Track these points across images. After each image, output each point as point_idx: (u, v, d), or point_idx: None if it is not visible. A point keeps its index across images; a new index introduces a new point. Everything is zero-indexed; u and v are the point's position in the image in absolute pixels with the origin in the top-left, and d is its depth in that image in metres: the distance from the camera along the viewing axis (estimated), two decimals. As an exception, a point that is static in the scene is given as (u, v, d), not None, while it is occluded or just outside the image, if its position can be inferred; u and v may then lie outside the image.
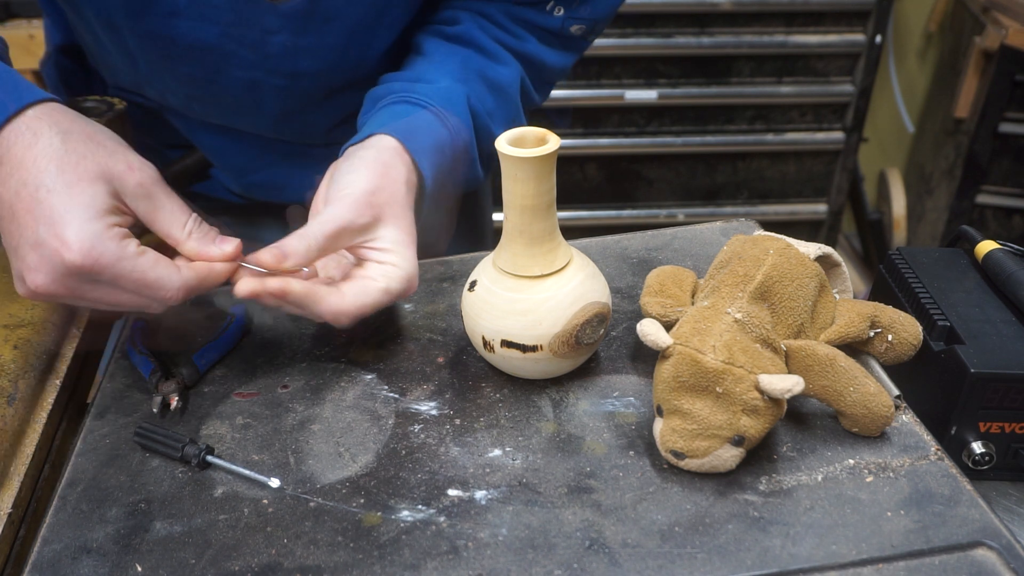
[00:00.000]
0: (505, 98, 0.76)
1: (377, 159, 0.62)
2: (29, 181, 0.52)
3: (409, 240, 0.61)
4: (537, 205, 0.54)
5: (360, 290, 0.58)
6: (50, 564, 0.50)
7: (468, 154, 0.72)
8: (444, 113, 0.69)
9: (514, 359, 0.58)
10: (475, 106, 0.73)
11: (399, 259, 0.60)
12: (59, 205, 0.51)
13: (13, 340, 0.62)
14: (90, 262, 0.51)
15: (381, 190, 0.60)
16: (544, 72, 0.81)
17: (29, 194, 0.52)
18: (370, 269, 0.60)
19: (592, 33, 0.81)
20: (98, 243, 0.52)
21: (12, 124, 0.52)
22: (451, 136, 0.69)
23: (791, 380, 0.49)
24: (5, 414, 0.57)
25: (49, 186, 0.52)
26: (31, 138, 0.52)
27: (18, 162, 0.52)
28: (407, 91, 0.70)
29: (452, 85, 0.72)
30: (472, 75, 0.74)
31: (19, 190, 0.52)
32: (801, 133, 2.05)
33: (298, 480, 0.55)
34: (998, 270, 0.66)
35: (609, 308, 0.59)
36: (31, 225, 0.51)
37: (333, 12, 0.70)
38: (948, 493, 0.51)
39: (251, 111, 0.78)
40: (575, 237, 0.73)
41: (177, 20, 0.69)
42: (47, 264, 0.52)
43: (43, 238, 0.51)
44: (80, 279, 0.53)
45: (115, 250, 0.52)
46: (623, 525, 0.50)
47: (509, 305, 0.57)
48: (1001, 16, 1.86)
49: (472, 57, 0.75)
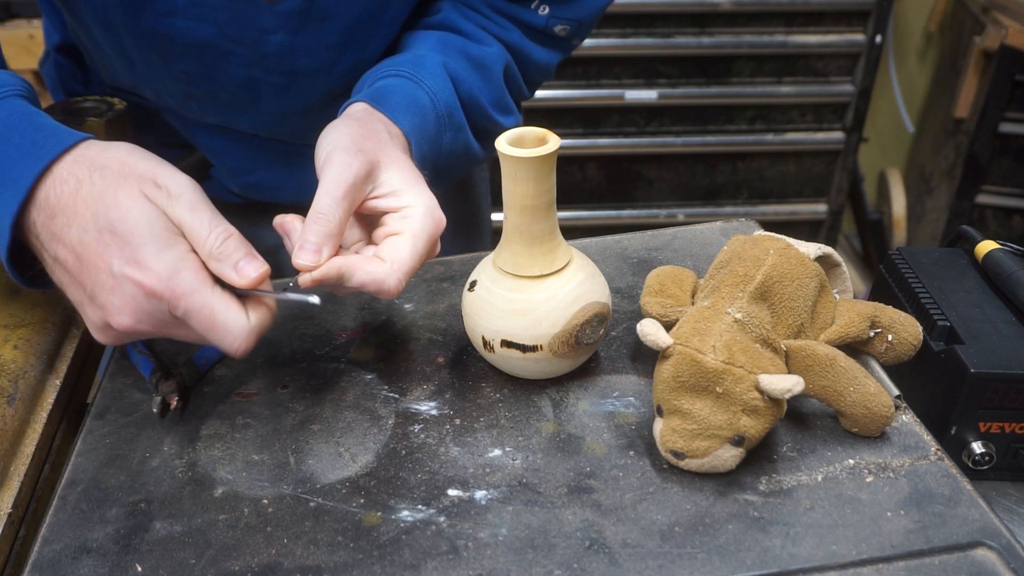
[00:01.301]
0: (489, 76, 0.74)
1: (349, 118, 0.60)
2: (89, 227, 0.51)
3: (414, 177, 0.57)
4: (537, 205, 0.54)
5: (391, 249, 0.55)
6: (50, 564, 0.50)
7: (453, 119, 0.70)
8: (418, 76, 0.67)
9: (514, 359, 0.58)
10: (457, 75, 0.71)
11: (413, 198, 0.56)
12: (127, 239, 0.50)
13: (13, 340, 0.62)
14: (168, 291, 0.49)
15: (364, 138, 0.57)
16: (529, 66, 0.79)
17: (93, 239, 0.50)
18: (389, 223, 0.56)
19: (576, 36, 0.80)
20: (175, 272, 0.50)
21: (53, 174, 0.52)
22: (430, 97, 0.67)
23: (791, 380, 0.49)
24: (5, 414, 0.57)
25: (109, 227, 0.50)
26: (75, 184, 0.51)
27: (72, 212, 0.51)
28: (380, 69, 0.69)
29: (426, 54, 0.71)
30: (452, 51, 0.72)
31: (82, 237, 0.51)
32: (801, 133, 2.05)
33: (298, 480, 0.55)
34: (998, 270, 0.66)
35: (609, 308, 0.59)
36: (104, 267, 0.50)
37: (330, 11, 0.70)
38: (948, 493, 0.51)
39: (249, 110, 0.78)
40: (575, 237, 0.73)
41: (174, 19, 0.69)
42: (130, 300, 0.50)
43: (120, 273, 0.50)
44: (163, 309, 0.50)
45: (192, 281, 0.50)
46: (623, 525, 0.50)
47: (509, 305, 0.57)
48: (1001, 16, 1.86)
49: (452, 38, 0.74)
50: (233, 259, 0.51)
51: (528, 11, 0.76)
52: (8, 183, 0.51)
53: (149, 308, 0.50)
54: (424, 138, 0.66)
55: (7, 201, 0.51)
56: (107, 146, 0.53)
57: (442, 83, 0.69)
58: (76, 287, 0.52)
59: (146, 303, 0.50)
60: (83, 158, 0.52)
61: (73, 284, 0.52)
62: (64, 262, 0.52)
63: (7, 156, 0.52)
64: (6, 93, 0.55)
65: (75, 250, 0.51)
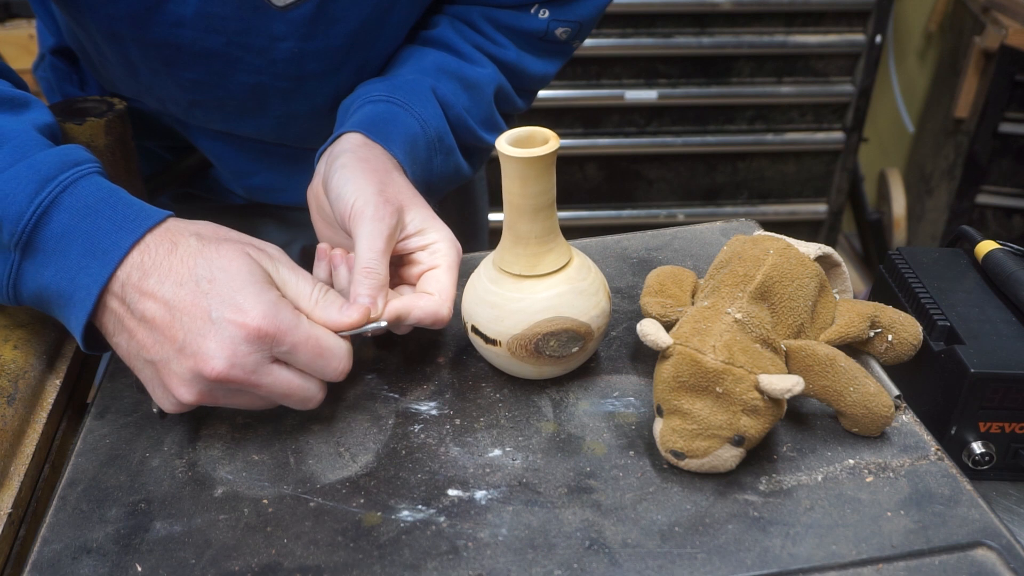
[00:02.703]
0: (479, 96, 0.76)
1: (359, 159, 0.62)
2: (186, 280, 0.51)
3: (431, 212, 0.62)
4: (525, 205, 0.54)
5: (434, 283, 0.59)
6: (50, 564, 0.50)
7: (443, 143, 0.72)
8: (408, 104, 0.69)
9: (482, 347, 0.59)
10: (446, 98, 0.72)
11: (436, 233, 0.61)
12: (228, 285, 0.51)
13: (13, 340, 0.62)
14: (274, 327, 0.51)
15: (385, 184, 0.60)
16: (525, 79, 0.80)
17: (190, 290, 0.51)
18: (423, 260, 0.61)
19: (577, 37, 0.80)
20: (276, 310, 0.52)
21: (146, 242, 0.52)
22: (420, 125, 0.69)
23: (791, 380, 0.50)
24: (5, 414, 0.57)
25: (209, 276, 0.51)
26: (170, 246, 0.52)
27: (167, 269, 0.52)
28: (372, 92, 0.71)
29: (417, 77, 0.72)
30: (443, 73, 0.74)
31: (177, 291, 0.51)
32: (801, 133, 2.05)
33: (298, 480, 0.55)
34: (998, 270, 0.66)
35: (589, 328, 0.57)
36: (200, 315, 0.51)
37: (339, 15, 0.70)
38: (948, 493, 0.51)
39: (254, 115, 0.78)
40: (575, 237, 0.73)
41: (182, 30, 0.68)
42: (227, 342, 0.50)
43: (219, 318, 0.50)
44: (261, 352, 0.51)
45: (292, 318, 0.52)
46: (623, 525, 0.50)
47: (484, 294, 0.58)
48: (1001, 16, 1.86)
49: (444, 58, 0.75)
50: (338, 303, 0.56)
51: (528, 16, 0.76)
52: (100, 253, 0.52)
53: (247, 350, 0.51)
54: (416, 164, 0.68)
55: (99, 268, 0.52)
56: (195, 221, 0.55)
57: (432, 110, 0.71)
58: (162, 344, 0.52)
59: (245, 346, 0.51)
60: (175, 228, 0.54)
61: (159, 342, 0.52)
62: (152, 319, 0.51)
63: (99, 228, 0.52)
64: (88, 171, 0.54)
65: (168, 303, 0.51)
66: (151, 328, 0.52)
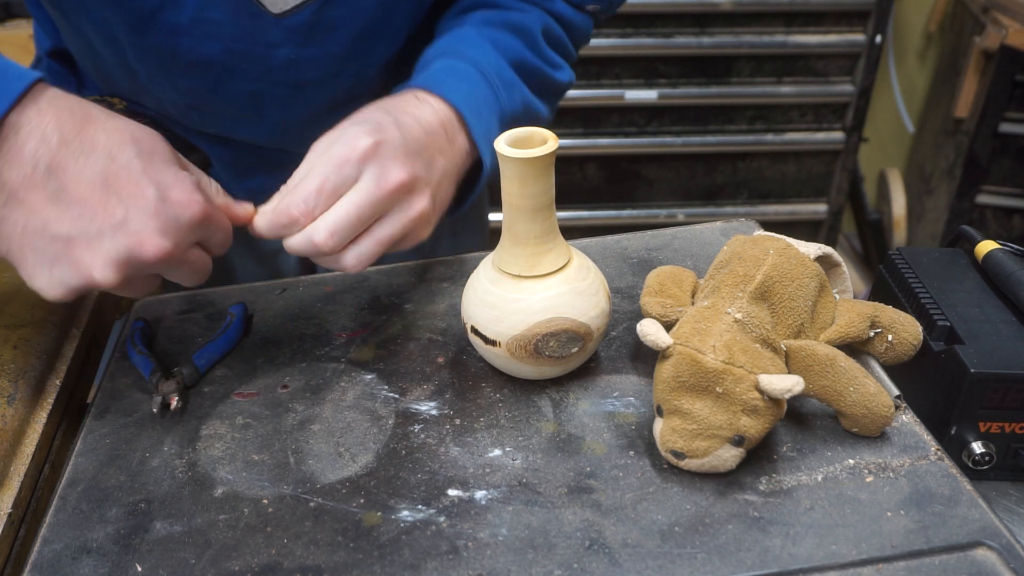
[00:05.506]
0: (530, 37, 0.76)
1: None
2: (117, 156, 0.49)
3: None
4: (521, 206, 0.54)
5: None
6: (50, 564, 0.50)
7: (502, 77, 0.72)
8: (460, 52, 0.70)
9: (482, 348, 0.59)
10: (495, 41, 0.72)
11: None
12: (164, 170, 0.51)
13: (13, 340, 0.62)
14: (212, 211, 0.53)
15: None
16: (572, 30, 0.80)
17: (124, 164, 0.49)
18: None
19: (604, 13, 0.82)
20: (208, 195, 0.54)
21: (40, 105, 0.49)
22: (473, 66, 0.69)
23: (791, 380, 0.49)
24: (5, 414, 0.57)
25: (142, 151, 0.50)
26: (84, 116, 0.50)
27: (91, 143, 0.49)
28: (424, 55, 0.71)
29: (463, 31, 0.72)
30: (488, 23, 0.74)
31: (108, 164, 0.49)
32: (801, 133, 2.05)
33: (298, 480, 0.55)
34: (998, 270, 0.66)
35: (589, 328, 0.57)
36: (142, 193, 0.49)
37: (336, 22, 0.70)
38: (948, 493, 0.51)
39: (252, 121, 0.78)
40: (575, 237, 0.73)
41: (179, 37, 0.68)
42: (173, 224, 0.50)
43: (166, 197, 0.50)
44: (197, 234, 0.53)
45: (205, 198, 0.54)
46: (623, 525, 0.50)
47: (483, 295, 0.58)
48: (1001, 16, 1.86)
49: (487, 13, 0.75)
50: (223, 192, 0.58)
51: None
52: None
53: (187, 235, 0.52)
54: (478, 102, 0.68)
55: None
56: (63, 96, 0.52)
57: (483, 51, 0.71)
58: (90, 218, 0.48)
59: (188, 228, 0.51)
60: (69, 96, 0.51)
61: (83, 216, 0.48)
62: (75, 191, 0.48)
63: None
64: None
65: (102, 175, 0.49)
66: (70, 201, 0.48)
